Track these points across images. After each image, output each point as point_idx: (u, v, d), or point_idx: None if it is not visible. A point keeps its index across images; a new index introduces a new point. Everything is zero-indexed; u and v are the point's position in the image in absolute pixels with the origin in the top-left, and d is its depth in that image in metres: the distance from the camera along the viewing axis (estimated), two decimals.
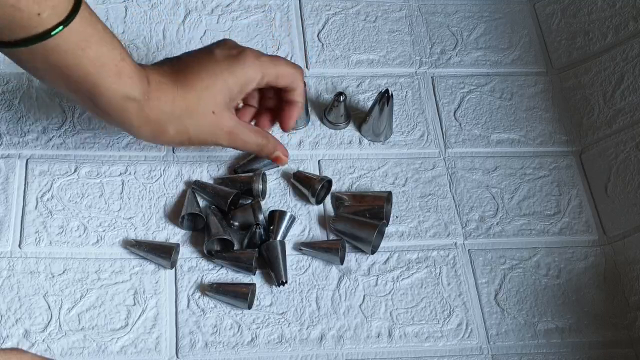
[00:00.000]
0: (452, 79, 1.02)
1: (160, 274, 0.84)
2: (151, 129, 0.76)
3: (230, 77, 0.78)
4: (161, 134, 0.77)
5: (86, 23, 0.69)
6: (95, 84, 0.71)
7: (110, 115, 0.74)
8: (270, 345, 0.81)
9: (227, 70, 0.78)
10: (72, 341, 0.80)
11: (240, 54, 0.79)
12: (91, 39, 0.70)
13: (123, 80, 0.72)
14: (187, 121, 0.77)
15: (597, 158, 0.96)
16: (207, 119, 0.77)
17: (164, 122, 0.76)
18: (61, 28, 0.67)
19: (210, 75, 0.77)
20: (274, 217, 0.87)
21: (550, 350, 0.84)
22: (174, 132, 0.77)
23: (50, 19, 0.66)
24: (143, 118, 0.75)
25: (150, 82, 0.75)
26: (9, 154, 0.89)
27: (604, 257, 0.90)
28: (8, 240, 0.84)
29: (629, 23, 0.99)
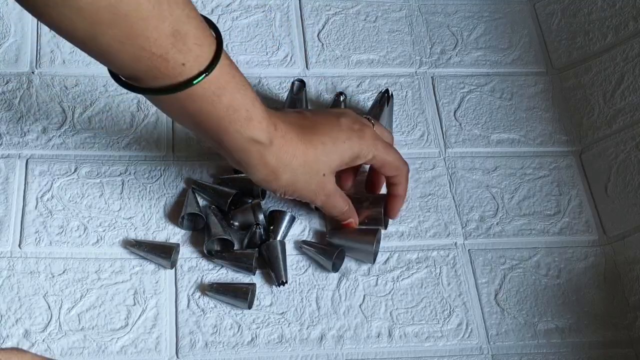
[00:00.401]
0: (452, 79, 1.02)
1: (160, 274, 0.84)
2: (267, 173, 0.78)
3: (348, 148, 0.81)
4: (274, 180, 0.79)
5: (224, 71, 0.72)
6: (225, 128, 0.74)
7: (232, 153, 0.77)
8: (270, 345, 0.81)
9: (347, 141, 0.81)
10: (72, 341, 0.80)
11: (361, 131, 0.82)
12: (227, 86, 0.72)
13: (252, 124, 0.75)
14: (300, 176, 0.80)
15: (597, 158, 0.96)
16: (316, 178, 0.81)
17: (280, 171, 0.78)
18: (203, 77, 0.69)
19: (332, 141, 0.80)
20: (274, 217, 0.87)
21: (550, 350, 0.84)
22: (285, 182, 0.79)
23: (193, 68, 0.69)
24: (263, 162, 0.77)
25: (277, 129, 0.77)
26: (9, 154, 0.89)
27: (604, 257, 0.90)
28: (8, 240, 0.84)
29: (629, 23, 0.99)
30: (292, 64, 1.00)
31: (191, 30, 0.68)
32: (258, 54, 1.00)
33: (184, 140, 0.92)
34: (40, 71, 0.95)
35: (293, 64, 1.00)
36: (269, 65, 0.99)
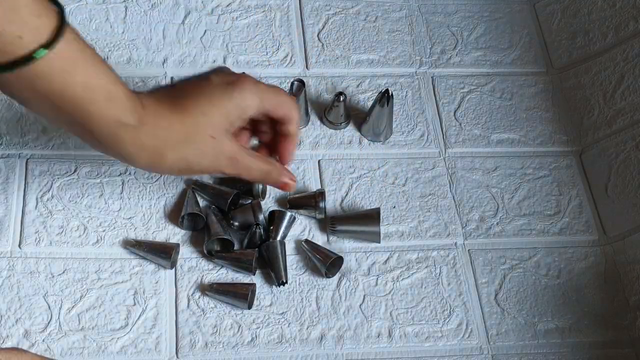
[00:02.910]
0: (452, 79, 1.02)
1: (160, 274, 0.84)
2: (148, 156, 0.73)
3: (229, 102, 0.75)
4: (159, 161, 0.73)
5: (73, 46, 0.67)
6: (86, 110, 0.69)
7: (104, 144, 0.71)
8: (270, 345, 0.81)
9: (225, 95, 0.75)
10: (72, 341, 0.80)
11: (238, 80, 0.77)
12: (78, 62, 0.67)
13: (115, 104, 0.69)
14: (186, 147, 0.74)
15: (597, 158, 0.96)
16: (206, 144, 0.74)
17: (161, 149, 0.73)
18: (45, 51, 0.64)
19: (208, 101, 0.75)
20: (274, 217, 0.87)
21: (550, 350, 0.84)
22: (173, 159, 0.74)
23: (32, 42, 0.64)
24: (139, 145, 0.72)
25: (145, 107, 0.72)
26: (9, 154, 0.89)
27: (604, 257, 0.90)
28: (8, 240, 0.84)
29: (629, 23, 0.99)
30: (292, 64, 1.00)
31: (24, 1, 0.63)
32: (258, 54, 1.00)
33: None
34: None
35: (293, 64, 1.00)
36: (269, 65, 0.99)
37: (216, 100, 0.75)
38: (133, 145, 0.72)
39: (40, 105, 0.70)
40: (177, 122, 0.73)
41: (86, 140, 0.73)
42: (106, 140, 0.71)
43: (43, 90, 0.67)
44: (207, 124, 0.74)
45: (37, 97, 0.68)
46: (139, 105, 0.71)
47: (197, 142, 0.74)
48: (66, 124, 0.72)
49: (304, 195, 0.89)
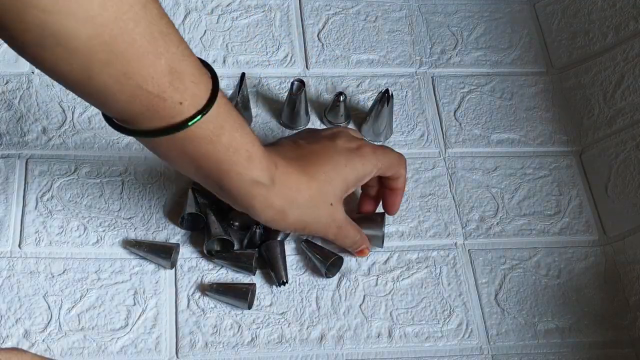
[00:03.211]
0: (452, 79, 1.02)
1: (160, 274, 0.84)
2: (274, 213, 0.76)
3: (350, 171, 0.80)
4: (282, 219, 0.77)
5: (222, 110, 0.69)
6: (227, 170, 0.72)
7: (236, 198, 0.75)
8: (270, 345, 0.81)
9: (348, 164, 0.80)
10: (72, 341, 0.79)
11: (359, 149, 0.82)
12: (226, 125, 0.70)
13: (254, 165, 0.73)
14: (308, 210, 0.78)
15: (597, 158, 0.96)
16: (325, 210, 0.79)
17: (286, 209, 0.76)
18: (200, 117, 0.67)
19: (333, 168, 0.79)
20: None
21: (550, 351, 0.84)
22: (294, 219, 0.78)
23: (190, 107, 0.67)
24: (268, 204, 0.75)
25: (278, 167, 0.76)
26: (9, 154, 0.89)
27: (604, 257, 0.90)
28: (8, 240, 0.84)
29: (629, 23, 0.99)
30: (292, 64, 1.00)
31: (187, 68, 0.66)
32: (258, 54, 1.00)
33: None
34: (39, 72, 0.95)
35: (293, 64, 1.00)
36: (269, 65, 0.99)
37: (340, 168, 0.80)
38: (263, 203, 0.75)
39: (183, 164, 0.73)
40: (305, 186, 0.77)
41: (218, 193, 0.76)
42: (239, 196, 0.75)
43: (190, 152, 0.70)
44: (330, 192, 0.79)
45: (183, 158, 0.71)
46: (273, 165, 0.75)
47: (318, 208, 0.79)
48: (202, 178, 0.75)
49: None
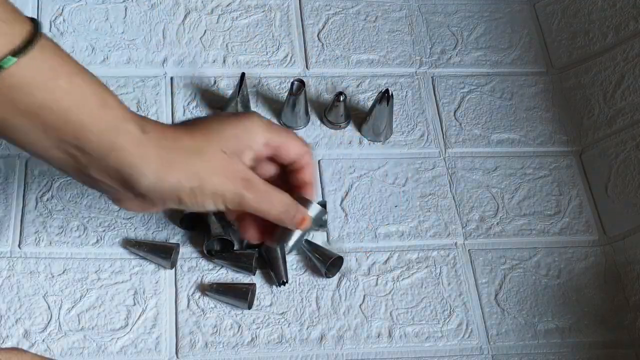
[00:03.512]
0: (452, 79, 1.02)
1: (160, 274, 0.84)
2: (156, 166, 0.64)
3: (237, 125, 0.70)
4: (167, 173, 0.65)
5: (50, 54, 0.61)
6: (78, 121, 0.62)
7: (102, 160, 0.63)
8: (270, 346, 0.81)
9: (234, 120, 0.71)
10: (72, 341, 0.79)
11: (248, 114, 0.74)
12: (60, 69, 0.61)
13: (112, 111, 0.63)
14: (196, 159, 0.66)
15: (597, 158, 0.95)
16: (217, 158, 0.68)
17: (168, 158, 0.65)
18: (14, 59, 0.59)
19: (218, 121, 0.69)
20: None
21: (550, 351, 0.84)
22: (183, 173, 0.66)
23: (1, 47, 0.59)
24: (142, 153, 0.64)
25: (146, 121, 0.66)
26: (9, 154, 0.89)
27: (604, 257, 0.90)
28: (8, 240, 0.84)
29: (629, 23, 0.99)
30: (292, 64, 1.00)
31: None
32: (258, 54, 1.00)
33: None
34: None
35: (293, 64, 1.00)
36: (269, 65, 0.99)
37: (226, 123, 0.70)
38: (136, 156, 0.64)
39: (24, 128, 0.62)
40: (185, 136, 0.67)
41: (80, 164, 0.65)
42: (103, 153, 0.63)
43: (24, 105, 0.61)
44: (218, 139, 0.68)
45: (19, 116, 0.61)
46: (137, 117, 0.65)
47: (208, 155, 0.67)
48: (55, 143, 0.64)
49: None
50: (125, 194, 0.68)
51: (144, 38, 0.99)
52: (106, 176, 0.65)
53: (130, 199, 0.69)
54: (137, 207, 0.70)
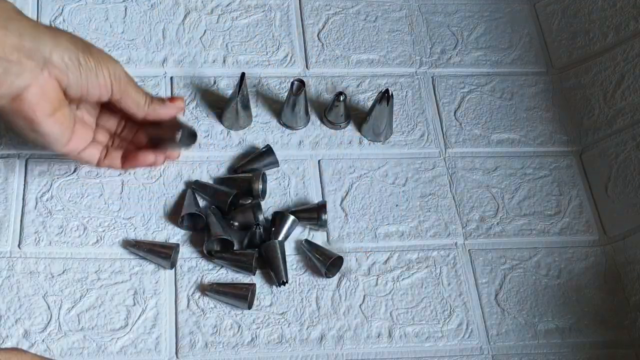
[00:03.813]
0: (453, 79, 1.02)
1: (160, 274, 0.84)
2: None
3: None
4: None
5: None
6: None
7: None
8: (270, 346, 0.81)
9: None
10: (71, 341, 0.79)
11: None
12: None
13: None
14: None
15: (597, 158, 0.95)
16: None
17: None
18: None
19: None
20: (276, 218, 0.87)
21: (550, 351, 0.84)
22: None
23: None
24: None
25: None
26: (9, 154, 0.89)
27: (604, 257, 0.90)
28: (8, 240, 0.84)
29: (629, 23, 0.99)
30: (292, 64, 1.00)
31: None
32: (258, 54, 1.00)
33: None
34: None
35: (293, 64, 1.00)
36: (269, 65, 0.99)
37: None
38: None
39: None
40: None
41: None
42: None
43: None
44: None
45: None
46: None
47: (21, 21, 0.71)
48: None
49: (305, 208, 0.88)
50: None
51: (144, 38, 0.99)
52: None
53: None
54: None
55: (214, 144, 0.93)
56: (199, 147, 0.92)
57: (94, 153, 0.83)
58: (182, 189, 0.89)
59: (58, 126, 0.77)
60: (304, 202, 0.90)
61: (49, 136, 0.77)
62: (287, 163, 0.92)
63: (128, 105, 0.81)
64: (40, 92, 0.73)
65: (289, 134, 0.94)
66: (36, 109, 0.73)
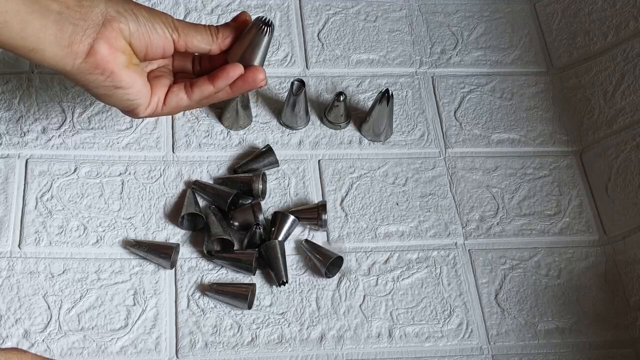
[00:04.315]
0: (452, 79, 1.02)
1: (160, 274, 0.84)
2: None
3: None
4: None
5: None
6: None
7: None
8: (270, 346, 0.81)
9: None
10: (71, 341, 0.79)
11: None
12: None
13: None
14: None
15: (597, 158, 0.95)
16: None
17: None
18: None
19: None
20: (277, 218, 0.87)
21: (550, 351, 0.84)
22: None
23: None
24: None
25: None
26: (9, 154, 0.89)
27: (604, 257, 0.90)
28: (8, 240, 0.84)
29: (629, 23, 0.99)
30: (292, 64, 1.00)
31: None
32: None
33: (184, 140, 0.92)
34: (39, 71, 0.95)
35: (293, 63, 1.00)
36: (269, 65, 0.99)
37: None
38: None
39: None
40: None
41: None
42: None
43: None
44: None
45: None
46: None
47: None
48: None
49: (305, 208, 0.88)
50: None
51: None
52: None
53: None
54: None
55: (214, 144, 0.93)
56: (199, 147, 0.92)
57: (181, 95, 0.81)
58: (182, 189, 0.89)
59: (138, 77, 0.77)
60: (304, 202, 0.90)
61: (132, 88, 0.77)
62: (287, 163, 0.92)
63: (197, 46, 0.80)
64: (108, 44, 0.75)
65: (289, 134, 0.94)
66: (110, 59, 0.75)
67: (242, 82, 0.79)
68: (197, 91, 0.80)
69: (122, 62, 0.76)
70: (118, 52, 0.75)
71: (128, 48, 0.77)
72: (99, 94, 0.78)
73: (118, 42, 0.75)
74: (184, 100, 0.80)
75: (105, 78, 0.76)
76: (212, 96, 0.80)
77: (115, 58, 0.75)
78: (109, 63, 0.75)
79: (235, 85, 0.80)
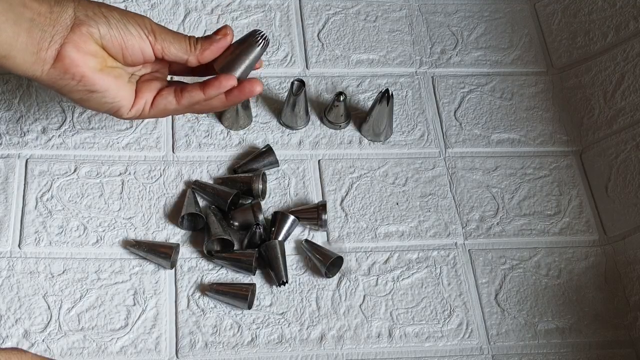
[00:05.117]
0: (453, 79, 1.02)
1: (160, 274, 0.84)
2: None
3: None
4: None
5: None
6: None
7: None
8: (270, 345, 0.81)
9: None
10: (71, 341, 0.79)
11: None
12: None
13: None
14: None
15: (597, 158, 0.95)
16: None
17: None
18: None
19: None
20: (277, 218, 0.87)
21: (550, 351, 0.84)
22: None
23: None
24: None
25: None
26: (9, 154, 0.89)
27: (604, 257, 0.90)
28: (8, 240, 0.84)
29: (629, 23, 0.99)
30: (292, 64, 1.00)
31: None
32: None
33: (184, 140, 0.93)
34: None
35: (293, 63, 1.00)
36: (269, 65, 0.99)
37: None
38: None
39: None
40: None
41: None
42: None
43: None
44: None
45: None
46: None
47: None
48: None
49: (305, 208, 0.88)
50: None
51: None
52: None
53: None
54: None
55: (214, 144, 0.93)
56: (199, 147, 0.92)
57: (170, 99, 0.80)
58: (182, 189, 0.89)
59: (113, 80, 0.77)
60: (304, 202, 0.90)
61: (107, 91, 0.77)
62: (287, 163, 0.92)
63: (174, 54, 0.78)
64: (76, 48, 0.74)
65: (289, 134, 0.95)
66: (79, 63, 0.74)
67: (239, 92, 0.79)
68: (186, 96, 0.79)
69: (93, 65, 0.75)
70: (88, 55, 0.75)
71: (100, 51, 0.76)
72: (75, 98, 0.77)
73: (88, 46, 0.75)
74: (172, 103, 0.79)
75: (77, 82, 0.75)
76: (203, 103, 0.79)
77: (85, 62, 0.74)
78: (78, 67, 0.74)
79: (231, 95, 0.79)
